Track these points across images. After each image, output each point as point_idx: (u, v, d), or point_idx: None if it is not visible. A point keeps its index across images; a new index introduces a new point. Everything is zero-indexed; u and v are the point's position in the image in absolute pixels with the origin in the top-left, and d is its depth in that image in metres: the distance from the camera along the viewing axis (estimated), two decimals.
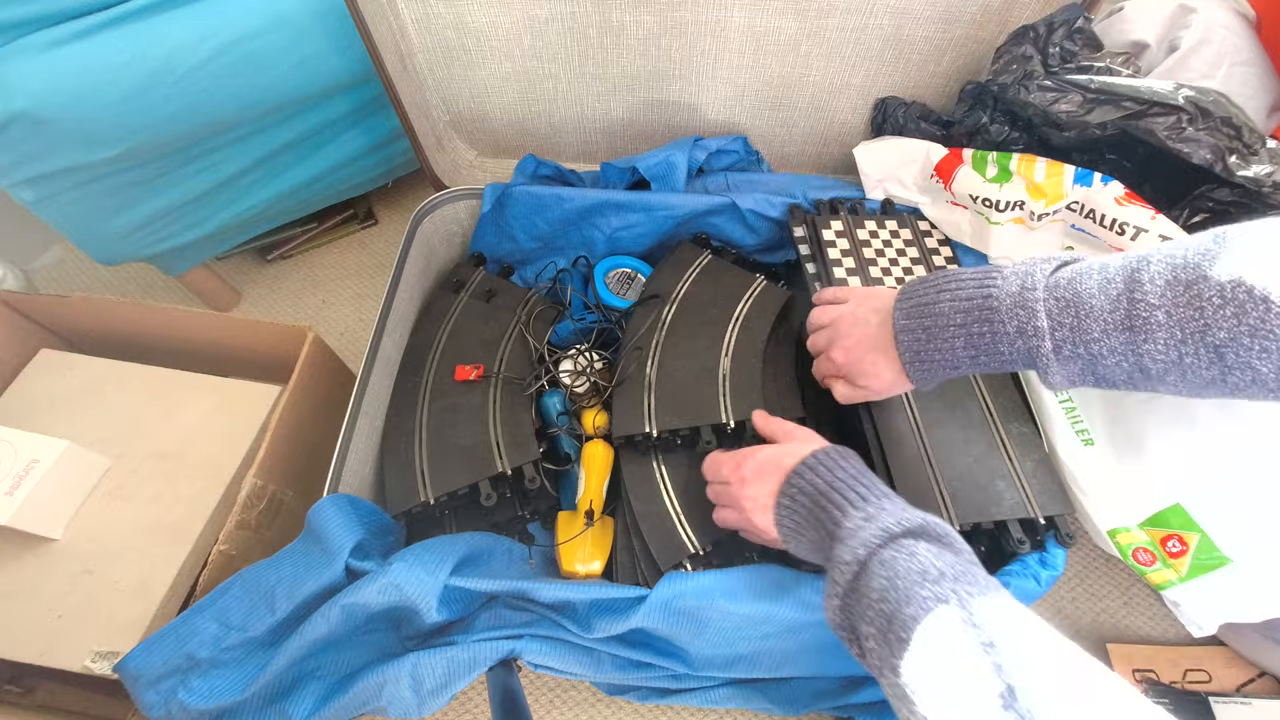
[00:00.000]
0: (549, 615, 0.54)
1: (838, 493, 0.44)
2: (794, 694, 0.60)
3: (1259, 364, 0.34)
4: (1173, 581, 0.56)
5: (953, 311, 0.45)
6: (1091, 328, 0.39)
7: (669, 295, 0.73)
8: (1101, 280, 0.39)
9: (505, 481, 0.64)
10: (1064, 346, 0.41)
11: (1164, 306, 0.37)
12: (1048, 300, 0.41)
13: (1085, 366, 0.41)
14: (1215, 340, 0.35)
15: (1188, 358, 0.36)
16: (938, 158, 0.71)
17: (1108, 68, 0.65)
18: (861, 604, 0.38)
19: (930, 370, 0.48)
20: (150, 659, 0.49)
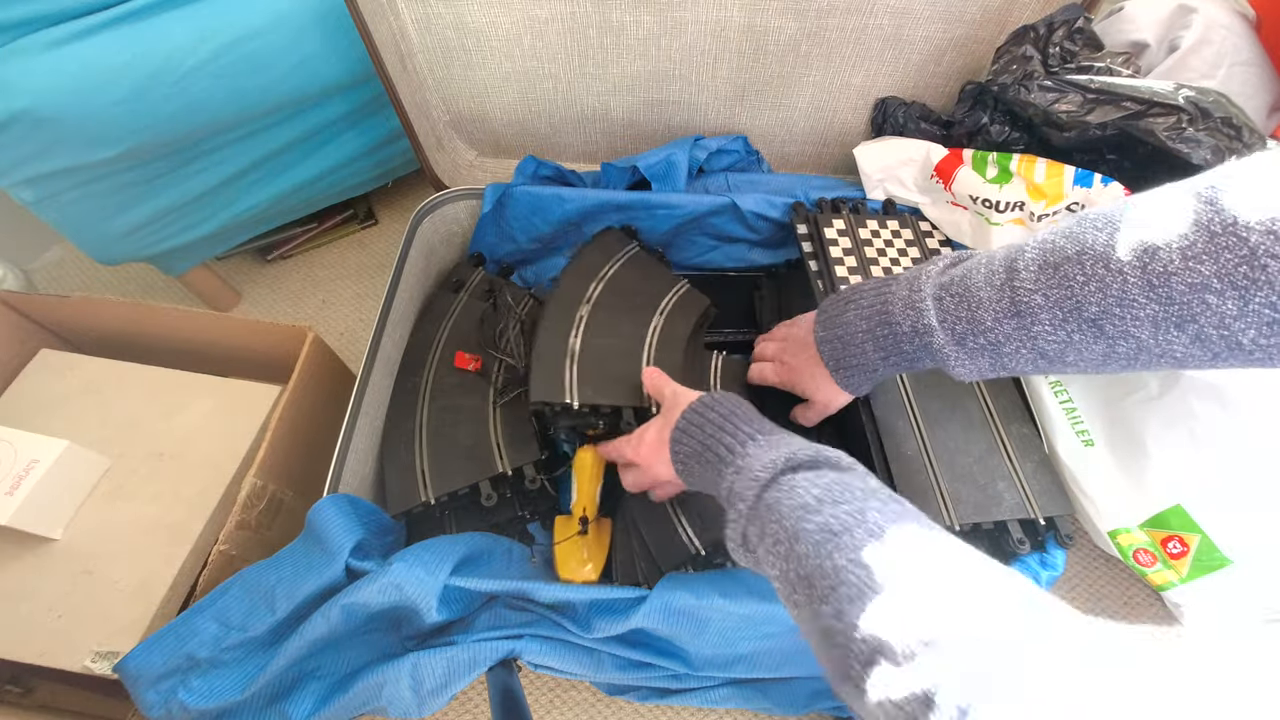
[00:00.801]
0: (549, 616, 0.54)
1: (725, 432, 0.44)
2: (793, 694, 0.60)
3: (1136, 331, 0.35)
4: (1174, 582, 0.56)
5: (857, 319, 0.49)
6: (984, 318, 0.41)
7: (597, 273, 0.73)
8: (987, 273, 0.41)
9: (505, 482, 0.64)
10: (966, 340, 0.42)
11: (1040, 290, 0.38)
12: (941, 298, 0.44)
13: (991, 357, 0.42)
14: (1090, 315, 0.36)
15: (1074, 335, 0.38)
16: (938, 158, 0.71)
17: (1108, 68, 0.65)
18: (767, 530, 0.37)
19: (853, 375, 0.51)
20: (150, 659, 0.49)
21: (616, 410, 0.62)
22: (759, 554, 0.38)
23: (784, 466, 0.39)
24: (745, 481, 0.40)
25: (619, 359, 0.65)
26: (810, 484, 0.36)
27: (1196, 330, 0.33)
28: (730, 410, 0.46)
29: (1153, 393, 0.58)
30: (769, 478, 0.39)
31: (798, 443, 0.41)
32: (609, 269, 0.74)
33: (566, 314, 0.67)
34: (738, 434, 0.44)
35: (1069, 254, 0.37)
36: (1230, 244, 0.31)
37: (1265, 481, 0.52)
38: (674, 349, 0.67)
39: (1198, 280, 0.32)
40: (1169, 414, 0.57)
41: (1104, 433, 0.59)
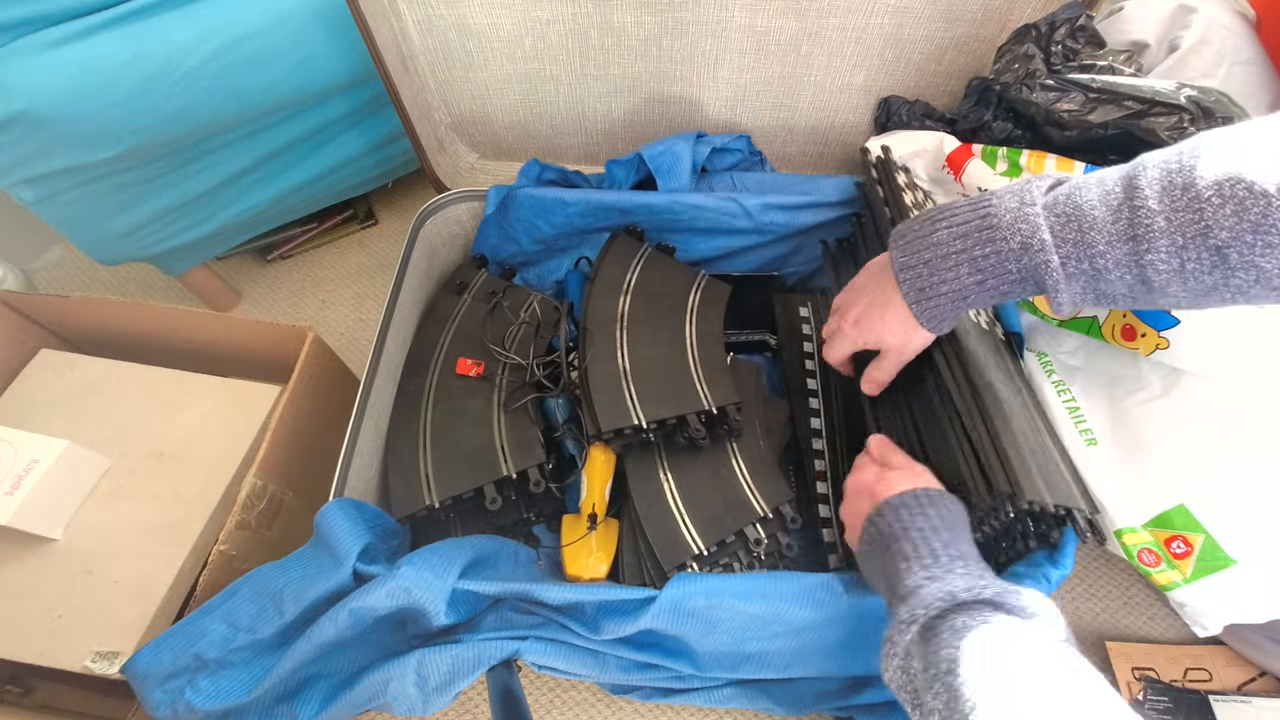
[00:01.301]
0: (556, 618, 0.54)
1: (909, 541, 0.41)
2: (797, 694, 0.60)
3: (1263, 261, 0.34)
4: (1178, 583, 0.56)
5: (951, 238, 0.44)
6: (1096, 240, 0.38)
7: (621, 286, 0.73)
8: (1101, 192, 0.38)
9: (510, 485, 0.64)
10: (1069, 262, 0.39)
11: (1164, 212, 0.35)
12: (1048, 216, 0.40)
13: (1088, 284, 0.39)
14: (1217, 241, 0.34)
15: (1190, 264, 0.35)
16: (950, 149, 0.71)
17: (1110, 66, 0.65)
18: (928, 673, 0.35)
19: (939, 306, 0.46)
20: (158, 659, 0.49)
21: (681, 419, 0.62)
22: (921, 676, 0.36)
23: (989, 598, 0.36)
24: (936, 591, 0.37)
25: (668, 367, 0.66)
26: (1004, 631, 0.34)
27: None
28: (954, 519, 0.43)
29: (1155, 392, 0.58)
30: (967, 600, 0.36)
31: (1010, 585, 0.38)
32: (630, 278, 0.74)
33: (607, 336, 0.68)
34: (952, 547, 0.40)
35: (1202, 173, 0.34)
36: None
37: (1268, 481, 0.52)
38: (714, 344, 0.68)
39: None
40: (1171, 413, 0.57)
41: (1107, 432, 0.59)
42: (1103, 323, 0.63)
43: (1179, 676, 0.71)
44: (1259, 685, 0.70)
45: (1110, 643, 0.74)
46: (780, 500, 0.60)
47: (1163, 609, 0.77)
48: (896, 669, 0.37)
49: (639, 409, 0.62)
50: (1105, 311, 0.63)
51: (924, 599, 0.36)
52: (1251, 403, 0.54)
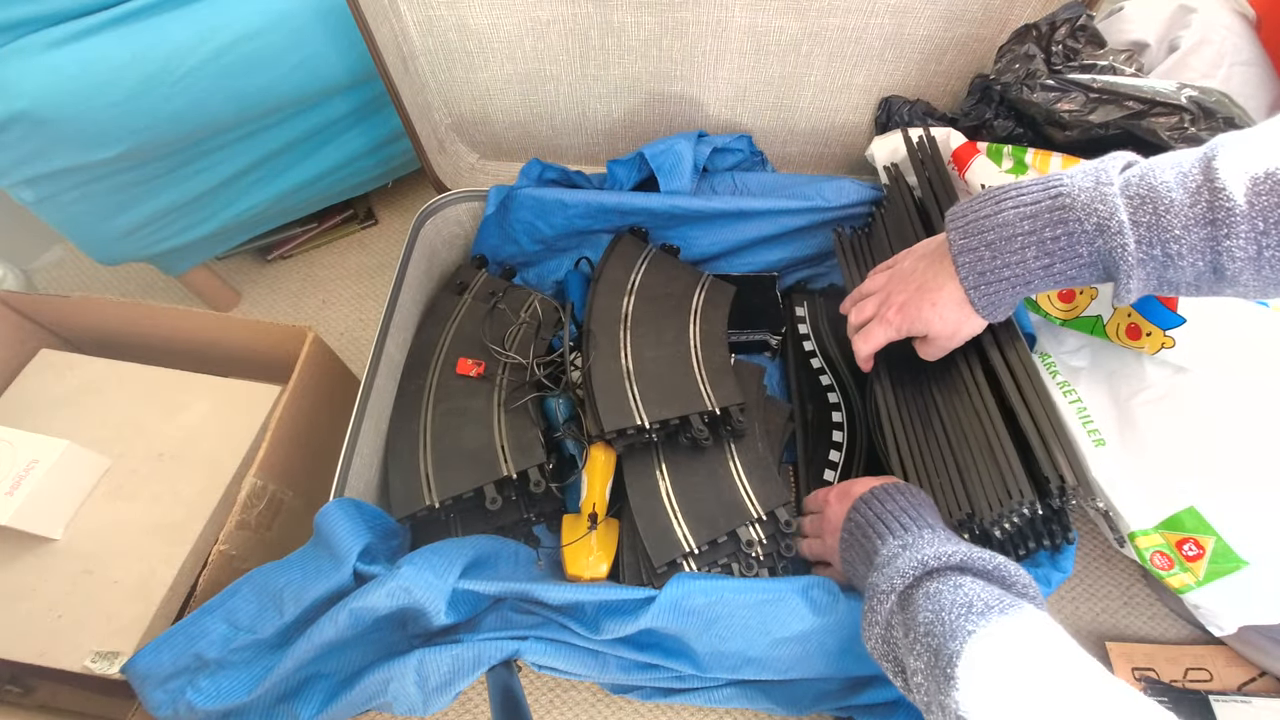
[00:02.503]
0: (555, 618, 0.54)
1: (881, 522, 0.44)
2: (797, 695, 0.60)
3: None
4: (1191, 585, 0.55)
5: (1018, 219, 0.41)
6: (1172, 224, 0.36)
7: (625, 288, 0.73)
8: (1178, 174, 0.36)
9: (510, 485, 0.63)
10: (1141, 246, 0.37)
11: (1246, 195, 0.34)
12: (1123, 197, 0.38)
13: (1156, 269, 0.38)
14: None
15: (1268, 250, 0.34)
16: (956, 144, 0.70)
17: (1111, 66, 0.65)
18: (908, 637, 0.36)
19: (999, 292, 0.43)
20: (159, 659, 0.49)
21: (684, 419, 0.62)
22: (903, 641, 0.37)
23: (957, 563, 0.38)
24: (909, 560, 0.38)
25: (671, 367, 0.66)
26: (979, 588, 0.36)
27: None
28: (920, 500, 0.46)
29: (1160, 392, 0.58)
30: (938, 566, 0.38)
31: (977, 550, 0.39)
32: (634, 279, 0.74)
33: (610, 337, 0.68)
34: (919, 519, 0.43)
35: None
36: None
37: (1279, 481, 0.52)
38: (717, 345, 0.68)
39: None
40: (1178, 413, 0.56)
41: (1115, 432, 0.58)
42: (1107, 321, 0.63)
43: (1179, 677, 0.71)
44: (1259, 685, 0.70)
45: (1110, 643, 0.74)
46: (777, 503, 0.60)
47: (1163, 609, 0.77)
48: (878, 638, 0.38)
49: (642, 409, 0.62)
50: (1110, 310, 0.63)
51: (899, 568, 0.38)
52: (1259, 402, 0.53)
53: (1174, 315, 0.56)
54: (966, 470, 0.54)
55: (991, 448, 0.52)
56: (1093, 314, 0.64)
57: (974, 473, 0.53)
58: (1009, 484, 0.49)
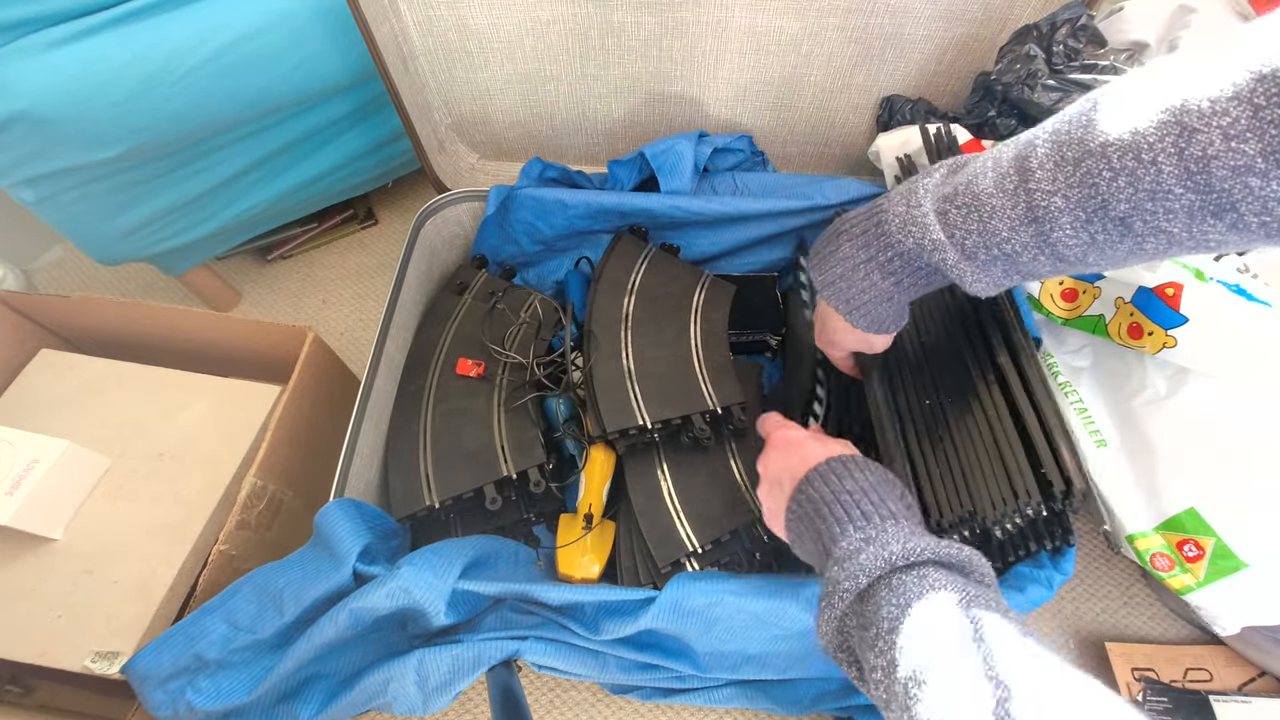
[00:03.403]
0: (555, 618, 0.54)
1: (840, 505, 0.40)
2: (797, 695, 0.60)
3: (1168, 225, 0.32)
4: (1192, 586, 0.55)
5: (854, 250, 0.45)
6: (998, 228, 0.37)
7: (625, 287, 0.73)
8: (996, 177, 0.37)
9: (510, 485, 0.64)
10: (978, 252, 0.39)
11: (1059, 191, 0.35)
12: (945, 211, 0.40)
13: (1007, 266, 0.39)
14: (1118, 213, 0.33)
15: (1099, 235, 0.35)
16: (962, 140, 0.70)
17: (1112, 66, 0.65)
18: (869, 632, 0.34)
19: (869, 311, 0.47)
20: (159, 659, 0.49)
21: (686, 419, 0.62)
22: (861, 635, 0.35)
23: (928, 558, 0.35)
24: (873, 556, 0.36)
25: (673, 367, 0.66)
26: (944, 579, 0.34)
27: (1235, 218, 0.31)
28: (880, 479, 0.42)
29: (1161, 393, 0.58)
30: (904, 564, 0.35)
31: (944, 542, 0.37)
32: (634, 279, 0.74)
33: (611, 337, 0.68)
34: (882, 507, 0.39)
35: (1090, 146, 0.33)
36: (1278, 118, 0.28)
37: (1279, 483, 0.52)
38: (718, 344, 0.68)
39: (1241, 163, 0.29)
40: (1178, 415, 0.56)
41: (1116, 433, 0.58)
42: (1109, 321, 0.63)
43: (1179, 677, 0.71)
44: (1259, 685, 0.70)
45: (1110, 643, 0.74)
46: None
47: (1162, 609, 0.77)
48: (833, 631, 0.37)
49: (643, 410, 0.62)
50: (1113, 309, 0.63)
51: (863, 564, 0.36)
52: (1260, 403, 0.53)
53: (1176, 315, 0.56)
54: (970, 469, 0.53)
55: (999, 447, 0.52)
56: (1095, 313, 0.64)
57: (978, 471, 0.52)
58: (1016, 484, 0.49)
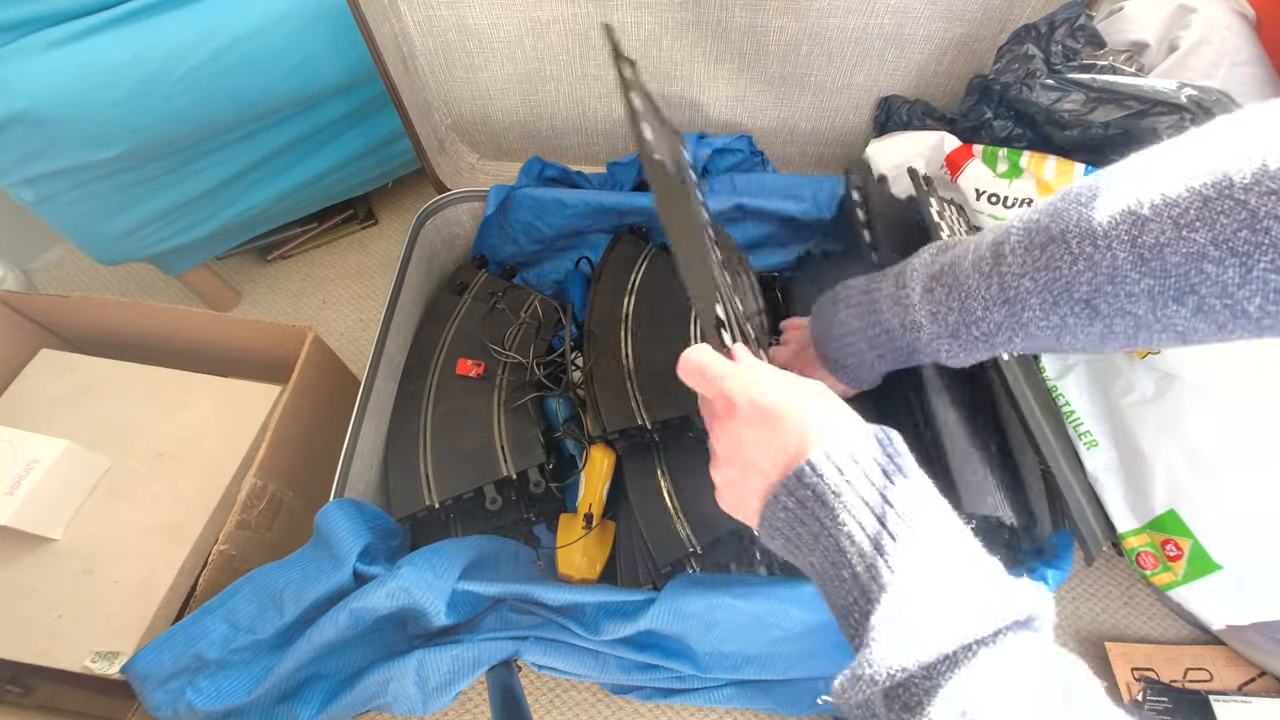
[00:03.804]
0: (555, 619, 0.54)
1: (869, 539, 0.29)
2: (798, 694, 0.60)
3: (1132, 307, 0.33)
4: (1173, 583, 0.56)
5: (849, 318, 0.48)
6: (974, 307, 0.39)
7: (625, 287, 0.73)
8: (975, 259, 0.39)
9: (510, 485, 0.64)
10: (959, 331, 0.41)
11: (1028, 273, 0.36)
12: (931, 289, 0.42)
13: (986, 346, 0.41)
14: (1081, 295, 0.34)
15: (1068, 318, 0.35)
16: (950, 148, 0.71)
17: (1111, 66, 0.65)
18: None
19: (851, 372, 0.50)
20: (159, 659, 0.49)
21: (685, 418, 0.62)
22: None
23: (1010, 622, 0.26)
24: (941, 627, 0.26)
25: (673, 367, 0.64)
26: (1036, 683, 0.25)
27: (1197, 302, 0.31)
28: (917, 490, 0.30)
29: (1148, 395, 0.58)
30: (981, 638, 0.26)
31: (1027, 593, 0.27)
32: (634, 279, 0.74)
33: (611, 337, 0.68)
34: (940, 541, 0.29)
35: (1054, 233, 0.35)
36: (1226, 208, 0.28)
37: (1253, 490, 0.52)
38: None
39: (1193, 249, 0.30)
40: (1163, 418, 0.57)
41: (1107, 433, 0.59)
42: None
43: (1179, 677, 0.71)
44: (1259, 685, 0.70)
45: (1110, 643, 0.74)
46: None
47: (1162, 609, 0.77)
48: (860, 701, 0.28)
49: (643, 410, 0.62)
50: None
51: (924, 639, 0.26)
52: (1240, 411, 0.54)
53: None
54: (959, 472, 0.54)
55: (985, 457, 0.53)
56: None
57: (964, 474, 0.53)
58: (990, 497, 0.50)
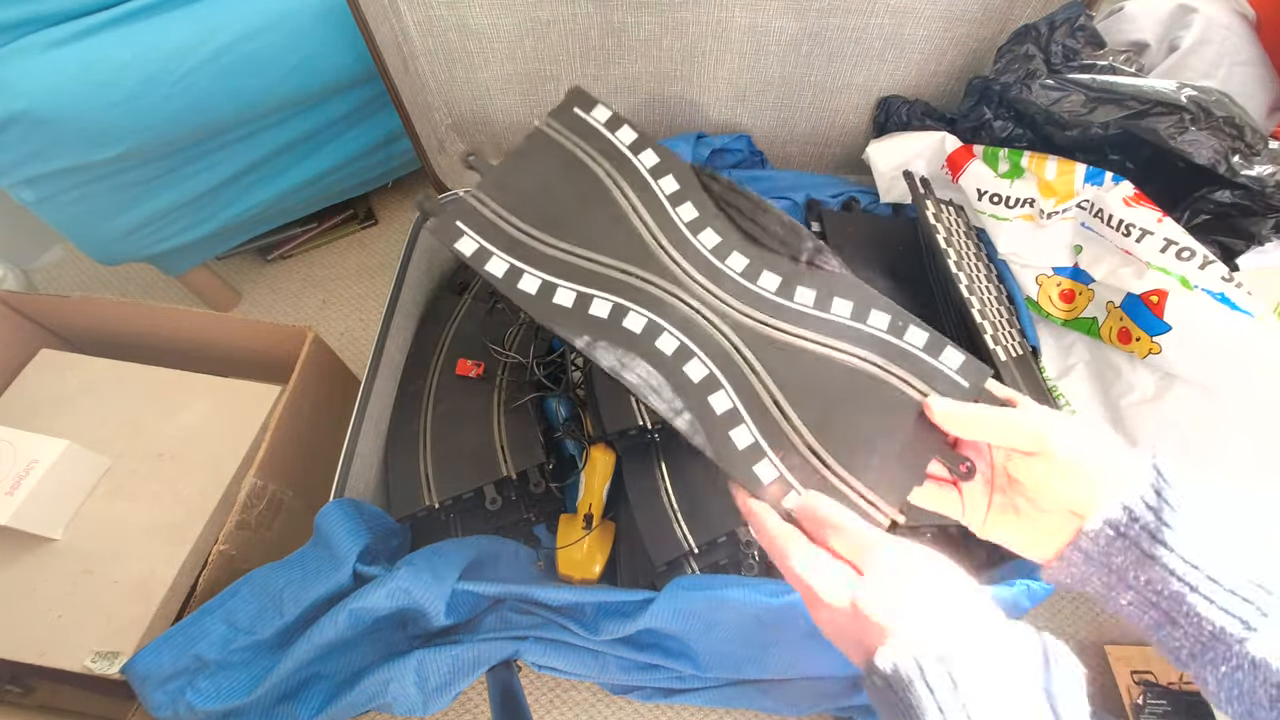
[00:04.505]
0: (555, 619, 0.54)
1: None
2: (797, 695, 0.60)
3: None
4: None
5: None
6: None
7: None
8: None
9: (510, 485, 0.64)
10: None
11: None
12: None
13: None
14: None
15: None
16: (951, 148, 0.71)
17: (1111, 66, 0.65)
18: None
19: None
20: (159, 659, 0.49)
21: None
22: None
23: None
24: None
25: None
26: None
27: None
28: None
29: (1148, 394, 0.58)
30: None
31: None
32: None
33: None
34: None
35: None
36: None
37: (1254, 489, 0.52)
38: None
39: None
40: (1163, 418, 0.57)
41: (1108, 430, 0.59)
42: (1101, 324, 0.64)
43: (1177, 679, 0.71)
44: None
45: (1109, 646, 0.74)
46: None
47: None
48: None
49: (643, 409, 0.62)
50: (1104, 313, 0.63)
51: None
52: (1238, 411, 0.54)
53: (1160, 322, 0.57)
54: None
55: None
56: (1089, 315, 0.65)
57: None
58: None
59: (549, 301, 0.44)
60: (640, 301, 0.44)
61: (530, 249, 0.46)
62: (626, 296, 0.44)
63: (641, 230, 0.47)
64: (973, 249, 0.69)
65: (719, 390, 0.41)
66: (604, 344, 0.42)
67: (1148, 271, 0.58)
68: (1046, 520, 0.35)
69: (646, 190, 0.49)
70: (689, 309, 0.43)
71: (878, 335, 0.42)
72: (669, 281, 0.45)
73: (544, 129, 0.50)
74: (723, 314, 0.43)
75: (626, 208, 0.48)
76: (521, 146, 0.50)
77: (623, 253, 0.46)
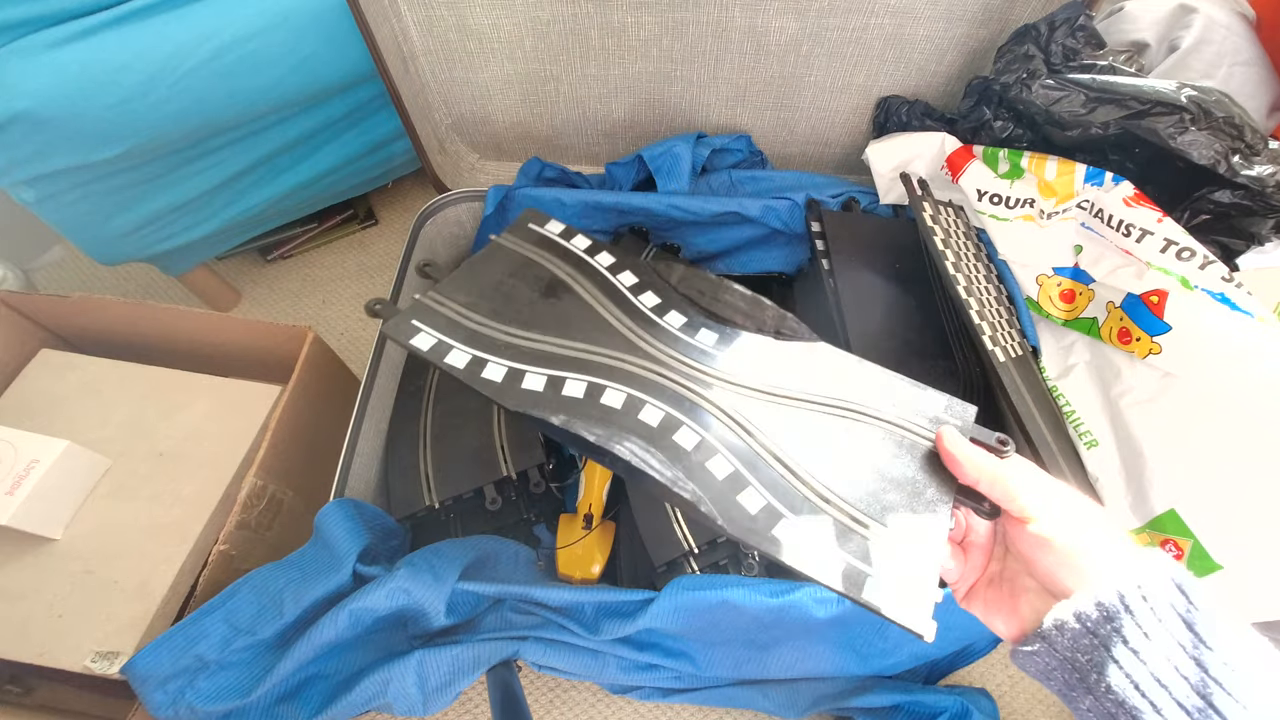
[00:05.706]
0: (555, 619, 0.54)
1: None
2: (796, 695, 0.60)
3: None
4: None
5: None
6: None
7: None
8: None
9: (510, 485, 0.64)
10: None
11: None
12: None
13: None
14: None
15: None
16: (951, 149, 0.71)
17: (1111, 66, 0.65)
18: None
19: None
20: (159, 659, 0.49)
21: None
22: None
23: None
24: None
25: None
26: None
27: None
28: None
29: (1148, 394, 0.58)
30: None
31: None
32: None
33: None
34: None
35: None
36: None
37: (1254, 490, 0.52)
38: None
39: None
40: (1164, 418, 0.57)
41: (1108, 432, 0.59)
42: (1101, 324, 0.64)
43: None
44: None
45: None
46: None
47: None
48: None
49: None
50: (1105, 313, 0.63)
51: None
52: (1238, 411, 0.54)
53: (1160, 322, 0.57)
54: None
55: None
56: (1090, 315, 0.65)
57: None
58: None
59: (517, 387, 0.43)
60: (616, 378, 0.43)
61: (493, 340, 0.45)
62: (601, 375, 0.43)
63: (608, 317, 0.47)
64: (972, 250, 0.69)
65: (715, 455, 0.40)
66: (581, 422, 0.41)
67: (1148, 271, 0.58)
68: (1026, 598, 0.33)
69: (606, 284, 0.49)
70: (669, 381, 0.43)
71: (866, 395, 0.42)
72: (642, 359, 0.44)
73: (501, 241, 0.51)
74: (704, 384, 0.43)
75: (590, 299, 0.48)
76: (479, 255, 0.51)
77: (592, 337, 0.45)
